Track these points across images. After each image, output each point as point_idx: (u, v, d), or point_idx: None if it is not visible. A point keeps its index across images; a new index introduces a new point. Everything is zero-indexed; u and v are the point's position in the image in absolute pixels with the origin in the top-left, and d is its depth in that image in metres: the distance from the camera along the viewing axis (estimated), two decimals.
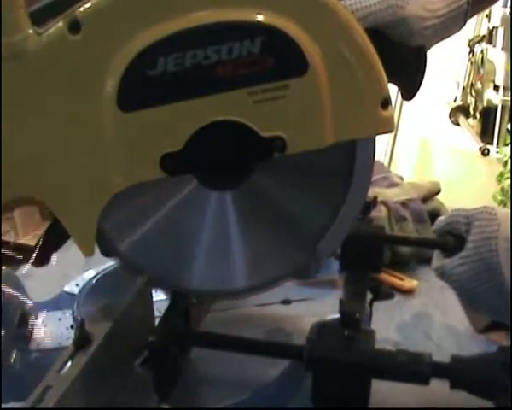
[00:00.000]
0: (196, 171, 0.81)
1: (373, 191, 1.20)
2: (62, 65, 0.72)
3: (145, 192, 0.81)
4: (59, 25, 0.72)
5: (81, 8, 0.71)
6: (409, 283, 1.29)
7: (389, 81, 0.79)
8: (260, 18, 0.73)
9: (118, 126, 0.74)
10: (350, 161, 0.83)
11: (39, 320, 1.06)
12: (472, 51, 3.56)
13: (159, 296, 0.94)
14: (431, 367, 0.81)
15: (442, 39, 0.92)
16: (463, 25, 0.92)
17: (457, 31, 0.92)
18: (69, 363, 0.69)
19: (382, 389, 0.84)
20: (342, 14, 0.75)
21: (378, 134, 0.81)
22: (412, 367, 0.81)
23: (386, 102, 0.78)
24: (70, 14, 0.71)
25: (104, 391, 0.74)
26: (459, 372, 0.82)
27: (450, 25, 0.90)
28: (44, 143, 0.75)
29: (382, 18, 0.86)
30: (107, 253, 0.86)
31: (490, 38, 3.37)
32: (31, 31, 0.72)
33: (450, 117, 3.65)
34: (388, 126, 0.79)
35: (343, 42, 0.75)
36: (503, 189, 3.04)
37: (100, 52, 0.72)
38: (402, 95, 0.91)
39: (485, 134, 3.43)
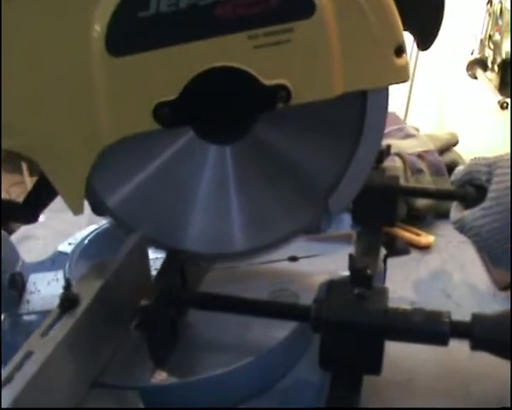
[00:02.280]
0: (193, 122, 0.77)
1: (387, 143, 1.16)
2: (47, 6, 0.69)
3: (137, 146, 0.77)
4: None
5: None
6: (425, 238, 1.26)
7: (404, 29, 0.76)
8: None
9: (107, 72, 0.72)
10: (361, 111, 0.79)
11: (31, 282, 1.03)
12: (490, 1, 3.50)
13: (156, 254, 0.90)
14: (450, 327, 0.77)
15: None
16: None
17: None
18: (54, 327, 0.65)
19: (396, 353, 0.81)
20: None
21: (391, 84, 0.78)
22: (429, 327, 0.77)
23: (400, 50, 0.75)
24: None
25: (93, 357, 0.71)
26: (481, 332, 0.77)
27: None
28: (29, 92, 0.72)
29: None
30: (97, 211, 0.83)
31: None
32: None
33: (467, 70, 3.60)
34: (403, 76, 0.77)
35: None
36: None
37: None
38: (418, 44, 0.87)
39: (504, 87, 3.37)
